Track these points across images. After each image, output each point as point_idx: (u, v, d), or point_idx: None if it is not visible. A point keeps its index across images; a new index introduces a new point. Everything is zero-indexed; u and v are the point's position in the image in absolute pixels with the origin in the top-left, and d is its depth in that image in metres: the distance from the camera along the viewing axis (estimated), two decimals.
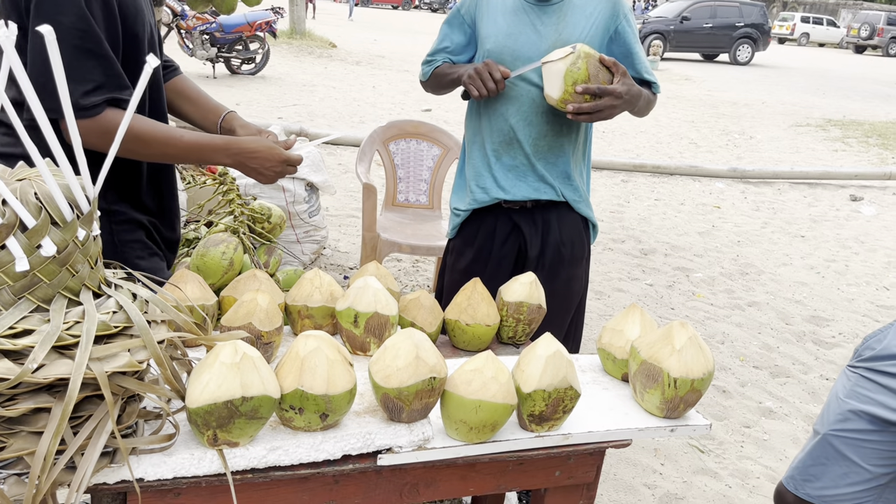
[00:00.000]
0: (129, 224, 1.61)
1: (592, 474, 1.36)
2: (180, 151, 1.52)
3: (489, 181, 2.07)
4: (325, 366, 1.10)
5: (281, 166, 1.61)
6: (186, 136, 1.53)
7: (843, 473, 1.59)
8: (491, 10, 2.04)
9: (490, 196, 2.07)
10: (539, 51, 1.96)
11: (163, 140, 1.50)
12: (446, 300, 1.69)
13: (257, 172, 1.60)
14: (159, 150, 1.51)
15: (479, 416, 1.16)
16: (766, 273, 5.04)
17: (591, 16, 2.00)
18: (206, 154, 1.56)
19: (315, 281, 1.49)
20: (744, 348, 3.85)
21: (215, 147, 1.57)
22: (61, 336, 0.92)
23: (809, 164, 8.58)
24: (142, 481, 1.03)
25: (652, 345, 1.34)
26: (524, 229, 2.09)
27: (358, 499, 1.21)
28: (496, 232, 2.11)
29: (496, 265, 2.12)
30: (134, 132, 1.45)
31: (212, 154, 1.57)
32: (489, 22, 2.03)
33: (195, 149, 1.54)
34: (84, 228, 0.99)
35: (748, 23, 20.62)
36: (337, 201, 5.54)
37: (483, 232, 2.12)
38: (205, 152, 1.56)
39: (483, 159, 2.08)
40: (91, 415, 0.95)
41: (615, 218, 5.95)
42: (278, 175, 1.63)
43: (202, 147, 1.56)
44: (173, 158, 1.56)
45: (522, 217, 2.09)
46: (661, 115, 11.25)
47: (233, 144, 1.58)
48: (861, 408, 1.57)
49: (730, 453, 2.89)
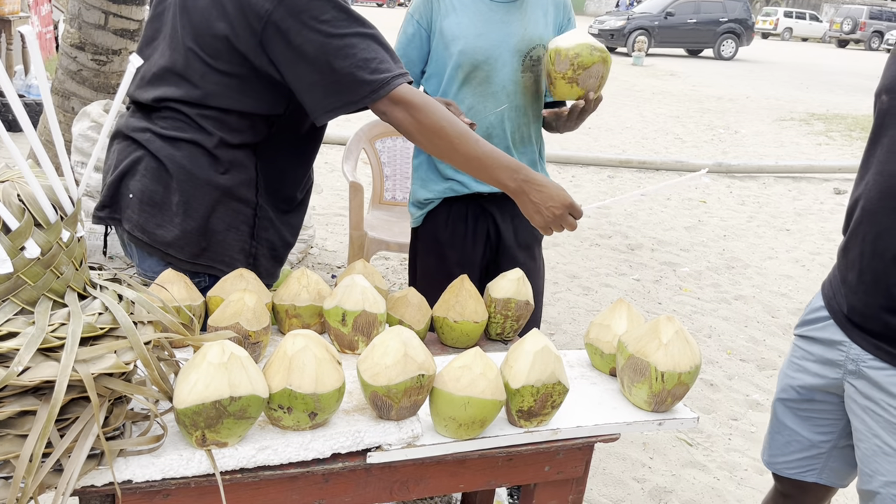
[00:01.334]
0: (267, 222, 1.61)
1: (581, 469, 1.37)
2: (468, 154, 1.49)
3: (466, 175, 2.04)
4: (314, 364, 1.10)
5: (563, 210, 1.55)
6: (481, 143, 1.50)
7: (786, 441, 1.65)
8: (450, 10, 1.99)
9: (469, 189, 2.07)
10: (509, 47, 1.99)
11: (455, 137, 1.47)
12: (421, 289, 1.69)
13: (535, 209, 1.55)
14: (448, 145, 1.48)
15: (467, 413, 1.17)
16: (752, 267, 5.07)
17: (546, 13, 2.06)
18: (490, 167, 1.51)
19: (302, 280, 1.48)
20: (731, 342, 3.88)
21: (503, 165, 1.52)
22: (47, 338, 0.92)
23: (794, 157, 8.65)
24: (130, 483, 1.03)
25: (639, 339, 1.35)
26: (495, 215, 2.13)
27: (348, 497, 1.21)
28: (468, 217, 2.12)
29: (470, 249, 2.14)
30: (436, 118, 1.45)
31: (497, 170, 1.52)
32: (452, 23, 1.98)
33: (484, 157, 1.50)
34: (68, 230, 0.98)
35: (732, 18, 20.74)
36: (324, 200, 5.53)
37: (454, 218, 2.12)
38: (491, 165, 1.51)
39: None
40: (78, 417, 0.95)
41: (601, 213, 5.97)
42: (556, 220, 1.56)
43: (492, 159, 1.51)
44: (456, 158, 1.51)
45: (494, 204, 2.11)
46: (647, 111, 11.29)
47: (523, 170, 1.53)
48: (792, 375, 1.61)
49: (718, 446, 2.92)
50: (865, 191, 1.41)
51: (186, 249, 1.52)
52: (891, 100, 1.37)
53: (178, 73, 1.47)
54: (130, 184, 1.51)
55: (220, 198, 1.52)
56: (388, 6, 37.20)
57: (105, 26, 3.88)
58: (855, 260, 1.44)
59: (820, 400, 1.57)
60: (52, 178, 0.97)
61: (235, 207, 1.54)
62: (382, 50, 1.45)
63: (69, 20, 3.97)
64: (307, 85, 1.43)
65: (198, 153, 1.49)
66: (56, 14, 8.31)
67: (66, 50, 3.98)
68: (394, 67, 1.44)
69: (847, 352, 1.47)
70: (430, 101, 1.47)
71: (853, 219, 1.46)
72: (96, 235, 3.33)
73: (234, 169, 1.52)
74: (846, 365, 1.48)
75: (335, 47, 1.39)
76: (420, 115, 1.45)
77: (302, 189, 1.70)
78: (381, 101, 1.43)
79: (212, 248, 1.54)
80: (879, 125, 1.41)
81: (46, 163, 0.97)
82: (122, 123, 1.57)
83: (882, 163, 1.37)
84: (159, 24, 1.54)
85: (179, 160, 1.48)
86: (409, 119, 1.45)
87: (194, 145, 1.49)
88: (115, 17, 3.88)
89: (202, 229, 1.51)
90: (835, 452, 1.59)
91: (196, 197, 1.50)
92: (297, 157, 1.64)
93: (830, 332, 1.51)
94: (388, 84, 1.42)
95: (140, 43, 1.59)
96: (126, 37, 3.95)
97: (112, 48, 3.93)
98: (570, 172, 7.05)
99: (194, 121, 1.48)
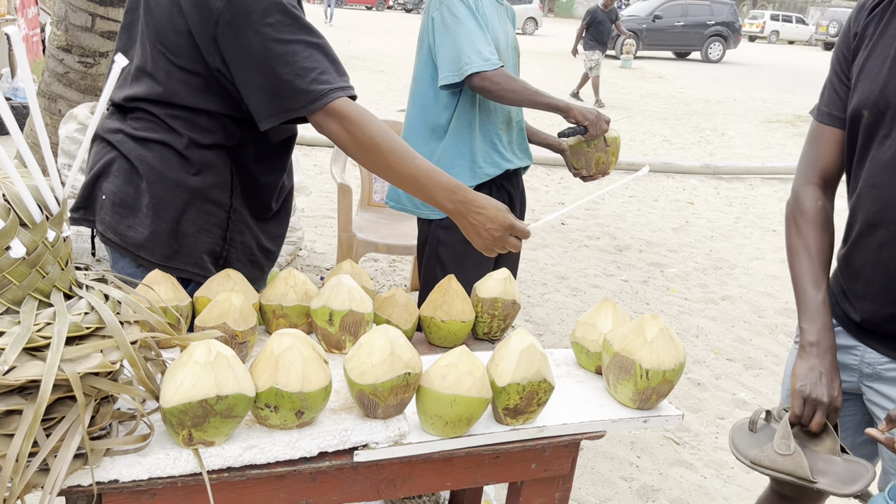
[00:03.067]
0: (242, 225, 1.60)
1: (568, 466, 1.38)
2: (402, 171, 1.45)
3: (496, 156, 2.30)
4: (300, 363, 1.11)
5: (503, 232, 1.49)
6: (418, 160, 1.46)
7: None
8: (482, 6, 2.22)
9: (500, 168, 2.30)
10: (509, 46, 2.31)
11: (390, 153, 1.43)
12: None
13: (475, 231, 1.50)
14: (382, 161, 1.44)
15: (454, 411, 1.17)
16: (739, 267, 5.11)
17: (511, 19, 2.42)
18: (427, 186, 1.46)
19: (289, 280, 1.49)
20: (717, 341, 3.91)
21: (441, 184, 1.46)
22: (32, 338, 0.92)
23: (780, 159, 8.72)
24: (117, 482, 1.03)
25: (624, 337, 1.36)
26: (511, 192, 2.40)
27: (335, 496, 1.22)
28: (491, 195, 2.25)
29: None
30: (371, 133, 1.42)
31: (434, 190, 1.46)
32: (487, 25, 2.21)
33: (421, 175, 1.46)
34: (54, 230, 0.98)
35: (719, 21, 20.85)
36: (312, 202, 5.52)
37: None
38: (427, 184, 1.46)
39: (486, 139, 2.29)
40: (64, 416, 0.95)
41: (590, 215, 6.00)
42: (497, 242, 1.50)
43: (428, 178, 1.46)
44: (391, 175, 1.47)
45: (510, 182, 2.39)
46: (635, 113, 11.34)
47: (461, 190, 1.48)
48: None
49: (705, 444, 2.94)
50: (861, 203, 1.42)
51: (157, 252, 1.51)
52: (871, 114, 1.38)
53: (148, 72, 1.48)
54: (104, 185, 1.51)
55: (191, 199, 1.50)
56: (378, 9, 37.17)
57: (92, 28, 3.87)
58: (859, 270, 1.45)
59: None
60: (37, 178, 0.98)
61: (207, 210, 1.53)
62: (326, 61, 1.42)
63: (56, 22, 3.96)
64: (252, 88, 1.42)
65: (168, 154, 1.48)
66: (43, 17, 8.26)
67: (53, 52, 3.96)
68: (335, 80, 1.42)
69: (862, 356, 1.48)
70: (367, 115, 1.44)
71: (853, 230, 1.47)
72: (84, 238, 3.32)
73: (207, 170, 1.51)
74: (861, 368, 1.49)
75: (277, 53, 1.37)
76: (354, 129, 1.42)
77: (277, 199, 1.68)
78: (318, 112, 1.41)
79: (183, 251, 1.53)
80: (866, 140, 1.40)
81: (32, 163, 0.97)
82: (99, 125, 1.57)
83: (874, 175, 1.38)
84: (135, 26, 1.54)
85: (150, 161, 1.48)
86: (343, 133, 1.43)
87: (164, 146, 1.48)
88: (101, 20, 3.86)
89: (173, 231, 1.50)
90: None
91: (166, 198, 1.49)
92: (269, 164, 1.62)
93: (841, 339, 1.51)
94: (326, 96, 1.39)
95: (119, 46, 1.58)
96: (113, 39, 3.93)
97: (99, 50, 3.92)
98: (558, 174, 7.07)
99: (164, 121, 1.48)
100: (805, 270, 1.47)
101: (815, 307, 1.44)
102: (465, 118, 2.25)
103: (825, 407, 1.38)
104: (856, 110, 1.42)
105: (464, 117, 2.25)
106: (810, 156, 1.54)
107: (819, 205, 1.51)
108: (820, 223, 1.50)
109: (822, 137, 1.52)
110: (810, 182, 1.53)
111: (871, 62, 1.39)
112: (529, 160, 2.45)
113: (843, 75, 1.47)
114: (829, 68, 1.53)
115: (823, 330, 1.42)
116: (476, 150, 2.28)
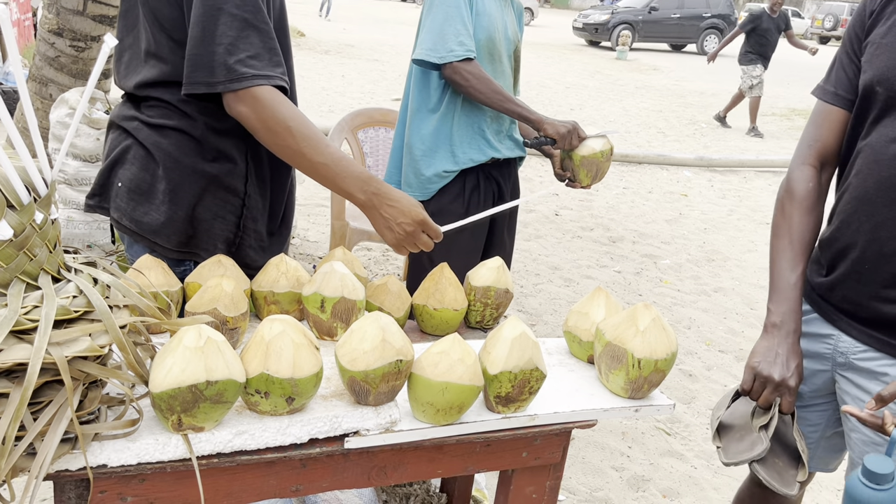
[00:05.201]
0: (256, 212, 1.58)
1: (559, 455, 1.38)
2: (314, 159, 1.40)
3: (482, 143, 2.28)
4: (291, 349, 1.10)
5: (415, 227, 1.45)
6: (331, 149, 1.42)
7: None
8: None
9: (485, 156, 2.28)
10: (507, 39, 2.29)
11: (302, 139, 1.38)
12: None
13: (387, 224, 1.46)
14: (293, 147, 1.39)
15: (445, 398, 1.17)
16: (732, 259, 5.12)
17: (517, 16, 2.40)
18: (338, 175, 1.41)
19: (281, 266, 1.48)
20: (710, 333, 3.92)
21: (353, 174, 1.42)
22: (19, 320, 0.91)
23: (774, 152, 8.73)
24: (105, 467, 1.02)
25: (616, 326, 1.36)
26: (501, 183, 2.39)
27: (325, 482, 1.21)
28: (479, 184, 2.32)
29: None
30: (282, 117, 1.38)
31: (345, 179, 1.42)
32: (484, 13, 2.20)
33: (332, 164, 1.41)
34: (42, 212, 0.97)
35: (715, 13, 20.82)
36: (306, 190, 5.50)
37: (469, 187, 2.31)
38: (339, 174, 1.41)
39: (472, 125, 2.27)
40: (52, 400, 0.94)
41: (584, 206, 5.99)
42: (408, 238, 1.47)
43: (340, 167, 1.41)
44: (302, 163, 1.42)
45: (500, 172, 2.38)
46: (630, 105, 11.33)
47: (374, 182, 1.43)
48: None
49: (696, 435, 2.95)
50: (858, 181, 1.40)
51: (173, 238, 1.51)
52: (885, 90, 1.36)
53: (153, 54, 1.47)
54: (120, 172, 1.51)
55: (207, 186, 1.50)
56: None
57: (83, 12, 3.82)
58: (844, 250, 1.44)
59: (808, 394, 1.57)
60: (25, 159, 0.96)
61: (223, 196, 1.53)
62: (261, 46, 1.39)
63: (47, 6, 3.91)
64: (189, 53, 1.38)
65: (184, 140, 1.48)
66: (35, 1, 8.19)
67: (44, 36, 3.92)
68: (264, 67, 1.38)
69: (835, 344, 1.48)
70: (282, 101, 1.39)
71: (841, 210, 1.45)
72: (74, 224, 3.29)
73: (222, 157, 1.51)
74: (835, 357, 1.48)
75: (216, 23, 1.35)
76: (266, 114, 1.38)
77: (286, 187, 1.68)
78: (232, 94, 1.37)
79: (198, 237, 1.53)
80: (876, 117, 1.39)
81: (20, 145, 0.96)
82: (114, 113, 1.57)
83: (878, 152, 1.36)
84: (132, 11, 1.53)
85: (166, 147, 1.47)
86: (253, 116, 1.38)
87: (181, 133, 1.48)
88: (93, 3, 3.82)
89: (188, 217, 1.50)
90: (822, 443, 1.60)
91: (182, 185, 1.48)
92: None
93: (816, 326, 1.51)
94: (248, 80, 1.36)
95: (118, 34, 1.57)
96: (105, 23, 3.89)
97: (90, 34, 3.88)
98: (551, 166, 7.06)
99: (178, 108, 1.47)
100: (783, 251, 1.48)
101: (785, 289, 1.45)
102: (453, 101, 2.25)
103: (774, 385, 1.40)
104: (868, 86, 1.40)
105: (452, 100, 2.25)
106: (810, 135, 1.53)
107: (810, 186, 1.50)
108: (807, 206, 1.49)
109: (824, 117, 1.50)
110: (805, 162, 1.52)
111: (887, 39, 1.37)
112: (523, 153, 2.43)
113: (853, 55, 1.46)
114: (839, 48, 1.51)
115: (790, 313, 1.43)
116: (462, 135, 2.26)
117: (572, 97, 11.54)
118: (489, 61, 2.24)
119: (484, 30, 2.19)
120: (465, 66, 2.10)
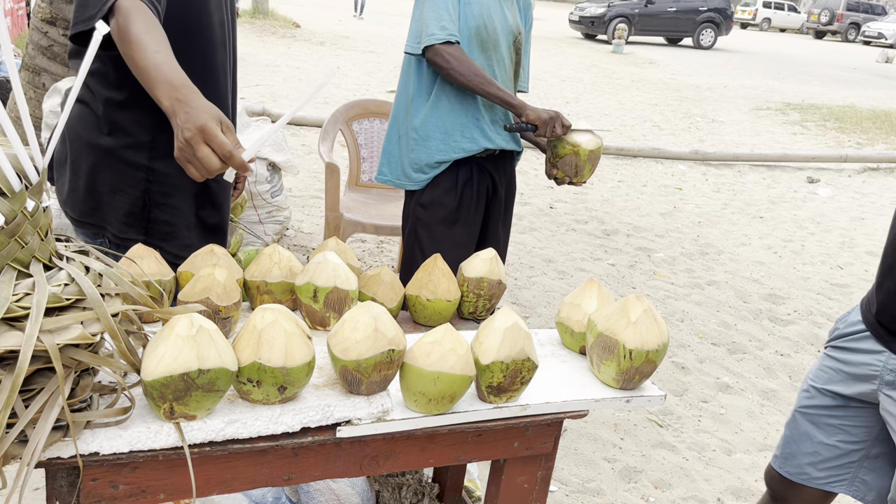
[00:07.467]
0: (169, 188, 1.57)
1: (550, 445, 1.38)
2: (137, 63, 1.29)
3: (476, 133, 2.27)
4: (283, 338, 1.10)
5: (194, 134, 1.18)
6: (159, 56, 1.29)
7: (812, 451, 1.64)
8: None
9: (479, 146, 2.27)
10: (505, 29, 2.27)
11: (136, 43, 1.29)
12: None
13: (178, 132, 1.22)
14: (128, 51, 1.30)
15: (437, 388, 1.18)
16: (726, 253, 5.14)
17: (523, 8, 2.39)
18: (154, 80, 1.27)
19: (274, 256, 1.48)
20: (703, 326, 3.93)
21: (168, 80, 1.26)
22: (11, 308, 0.91)
23: (769, 146, 8.74)
24: (97, 455, 1.02)
25: (608, 317, 1.36)
26: (495, 176, 2.39)
27: (317, 471, 1.22)
28: (473, 177, 2.32)
29: (474, 207, 2.36)
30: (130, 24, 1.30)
31: (158, 84, 1.26)
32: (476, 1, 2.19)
33: (151, 68, 1.27)
34: (33, 199, 0.97)
35: (711, 7, 20.82)
36: (300, 182, 5.49)
37: (462, 180, 2.31)
38: (154, 78, 1.27)
39: (467, 113, 2.26)
40: (43, 388, 0.94)
41: (578, 199, 6.00)
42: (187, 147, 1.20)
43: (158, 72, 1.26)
44: (134, 70, 1.31)
45: (495, 165, 2.38)
46: (626, 99, 11.33)
47: (184, 89, 1.25)
48: (822, 385, 1.63)
49: (687, 427, 2.96)
50: None
51: (76, 208, 1.58)
52: None
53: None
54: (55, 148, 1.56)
55: (102, 159, 1.55)
56: None
57: None
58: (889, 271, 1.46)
59: (854, 407, 1.58)
60: (17, 147, 0.96)
61: (121, 170, 1.56)
62: None
63: None
64: None
65: (85, 114, 1.55)
66: None
67: (37, 25, 3.90)
68: None
69: (885, 362, 1.49)
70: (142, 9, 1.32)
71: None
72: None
73: (118, 131, 1.54)
74: (883, 375, 1.49)
75: None
76: (122, 20, 1.31)
77: None
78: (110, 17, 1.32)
79: (102, 209, 1.58)
80: None
81: (12, 132, 0.96)
82: None
83: None
84: None
85: (72, 122, 1.56)
86: (114, 28, 1.32)
87: (84, 106, 1.55)
88: None
89: (88, 189, 1.56)
90: (866, 463, 1.60)
91: (81, 157, 1.56)
92: None
93: (867, 344, 1.53)
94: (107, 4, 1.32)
95: None
96: None
97: None
98: None
99: (85, 83, 1.52)
100: None
101: None
102: (442, 88, 2.24)
103: None
104: None
105: (442, 88, 2.24)
106: None
107: None
108: None
109: None
110: None
111: None
112: (519, 147, 2.42)
113: None
114: None
115: None
116: (455, 123, 2.26)
117: (568, 90, 11.53)
118: (481, 50, 2.23)
119: (475, 17, 2.18)
120: (446, 49, 2.10)
